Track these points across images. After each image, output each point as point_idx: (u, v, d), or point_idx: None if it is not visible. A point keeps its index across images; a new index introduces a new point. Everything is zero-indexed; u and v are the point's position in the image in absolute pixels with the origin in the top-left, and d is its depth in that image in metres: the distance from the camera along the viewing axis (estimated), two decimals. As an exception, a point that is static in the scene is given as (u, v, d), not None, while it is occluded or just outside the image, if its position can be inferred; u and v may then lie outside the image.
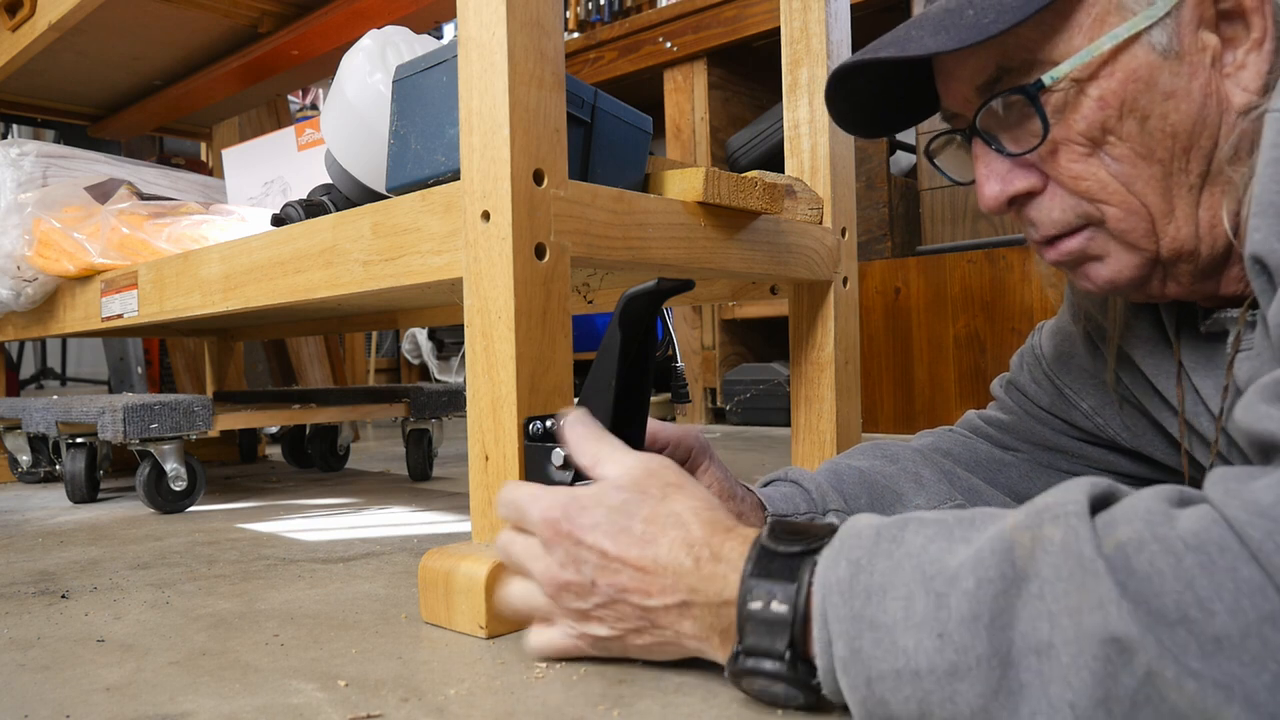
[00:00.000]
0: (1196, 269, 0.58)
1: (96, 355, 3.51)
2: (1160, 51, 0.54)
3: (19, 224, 1.39)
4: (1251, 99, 0.54)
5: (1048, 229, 0.60)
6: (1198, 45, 0.54)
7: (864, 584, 0.42)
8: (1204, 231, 0.56)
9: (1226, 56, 0.55)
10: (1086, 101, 0.55)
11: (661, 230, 0.80)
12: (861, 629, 0.42)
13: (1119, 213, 0.57)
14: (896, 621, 0.41)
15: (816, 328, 1.04)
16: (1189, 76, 0.54)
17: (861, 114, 0.67)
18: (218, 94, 1.81)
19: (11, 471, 1.75)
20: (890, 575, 0.42)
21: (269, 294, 0.97)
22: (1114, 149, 0.55)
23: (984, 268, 2.03)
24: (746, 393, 2.57)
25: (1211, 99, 0.54)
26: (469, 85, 0.70)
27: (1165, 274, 0.59)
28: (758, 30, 2.47)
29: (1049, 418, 0.77)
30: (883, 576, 0.42)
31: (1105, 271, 0.59)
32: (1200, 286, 0.59)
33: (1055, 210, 0.59)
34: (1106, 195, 0.56)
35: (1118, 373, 0.71)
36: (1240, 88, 0.54)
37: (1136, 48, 0.54)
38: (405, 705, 0.53)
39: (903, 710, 0.40)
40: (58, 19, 1.43)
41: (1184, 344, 0.65)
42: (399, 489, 1.51)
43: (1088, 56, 0.54)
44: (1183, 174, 0.55)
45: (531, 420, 0.68)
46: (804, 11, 1.04)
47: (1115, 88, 0.54)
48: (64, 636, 0.69)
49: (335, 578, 0.86)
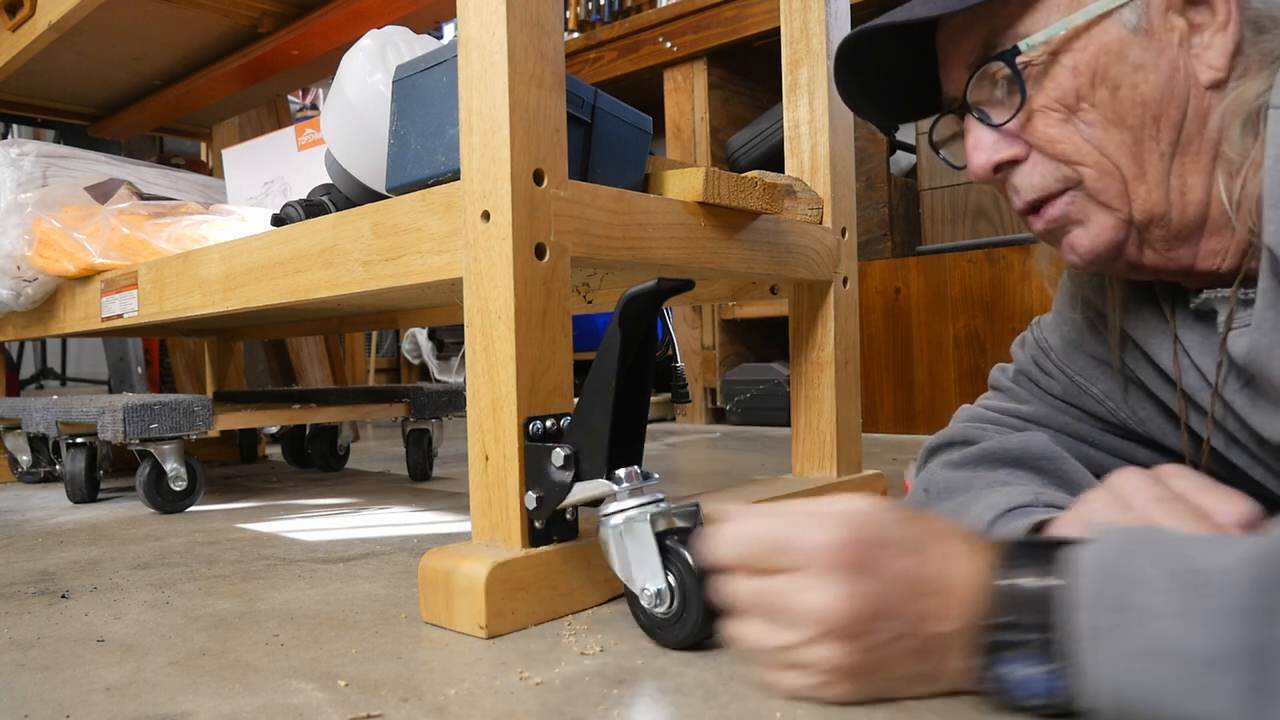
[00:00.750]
0: (1169, 234, 0.61)
1: (96, 355, 3.51)
2: (1131, 28, 0.59)
3: (19, 224, 1.39)
4: (1217, 75, 0.58)
5: (1029, 193, 0.64)
6: (1166, 26, 0.59)
7: (1120, 571, 0.43)
8: (1174, 197, 0.60)
9: (1194, 39, 0.59)
10: (1061, 71, 0.60)
11: (661, 230, 0.80)
12: (1119, 607, 0.42)
13: (1094, 173, 0.61)
14: (1154, 607, 0.41)
15: (816, 328, 1.04)
16: (1157, 53, 0.59)
17: (871, 100, 0.72)
18: (218, 94, 1.81)
19: (11, 471, 1.75)
20: (1148, 567, 0.43)
21: (269, 294, 0.97)
22: (1087, 115, 0.60)
23: (984, 268, 2.03)
24: (746, 393, 2.57)
25: (1179, 74, 0.59)
26: (469, 85, 0.70)
27: (1141, 239, 0.62)
28: (758, 30, 2.47)
29: (1065, 406, 0.79)
30: (1139, 569, 0.43)
31: (1086, 238, 0.63)
32: (1175, 254, 0.62)
33: (1036, 175, 0.63)
34: (1081, 157, 0.61)
35: (1122, 356, 0.73)
36: (1206, 65, 0.59)
37: (1108, 23, 0.59)
38: (405, 705, 0.53)
39: (1152, 693, 0.40)
40: (58, 19, 1.43)
41: (1179, 322, 0.68)
42: (399, 489, 1.51)
43: (1063, 29, 0.59)
44: (1153, 141, 0.60)
45: (531, 420, 0.68)
46: (804, 11, 1.04)
47: (1088, 59, 0.59)
48: (64, 636, 0.69)
49: (335, 578, 0.86)
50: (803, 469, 1.06)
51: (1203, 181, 0.60)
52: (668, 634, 0.61)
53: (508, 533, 0.68)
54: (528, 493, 0.67)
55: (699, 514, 0.65)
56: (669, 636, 0.61)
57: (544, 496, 0.67)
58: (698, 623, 0.59)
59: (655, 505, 0.63)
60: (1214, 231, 0.61)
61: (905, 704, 0.49)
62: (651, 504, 0.63)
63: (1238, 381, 0.62)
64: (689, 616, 0.59)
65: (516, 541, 0.68)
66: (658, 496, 0.64)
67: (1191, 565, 0.42)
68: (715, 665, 0.57)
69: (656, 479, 0.65)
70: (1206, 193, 0.60)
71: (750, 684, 0.54)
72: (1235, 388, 0.62)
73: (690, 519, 0.64)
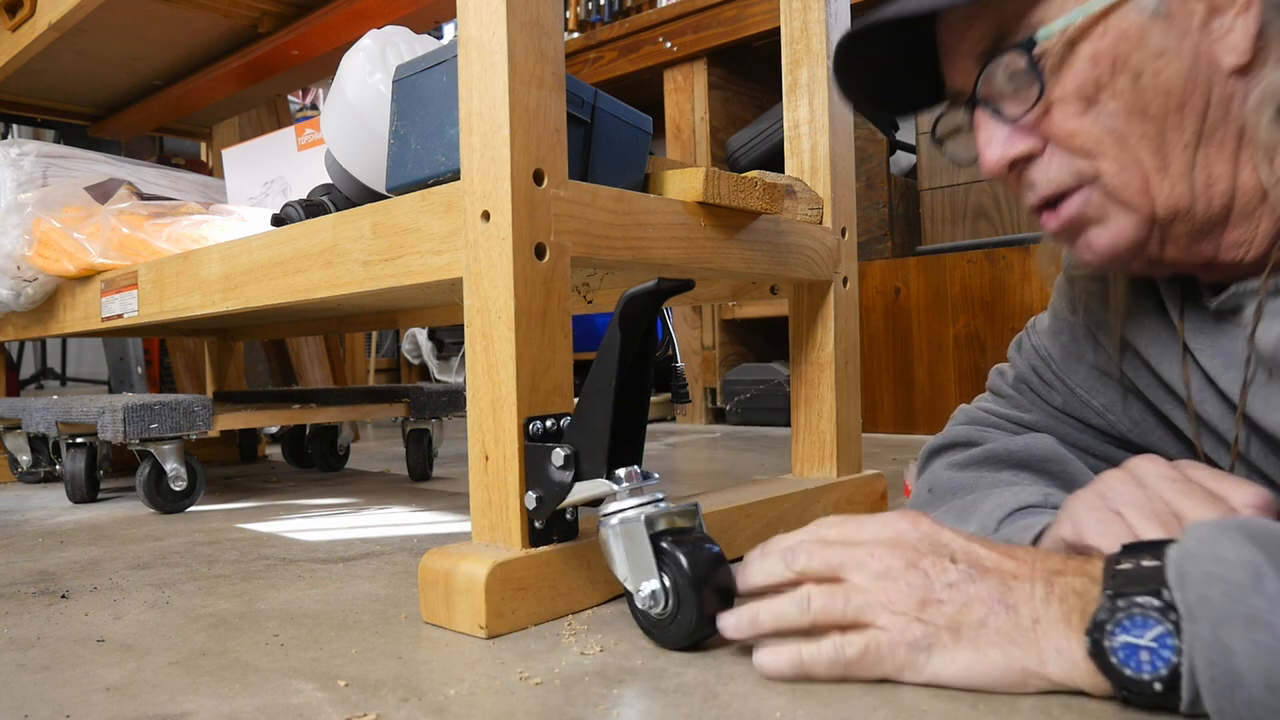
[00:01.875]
0: (1193, 228, 0.59)
1: (96, 355, 3.51)
2: (1150, 13, 0.56)
3: (19, 224, 1.39)
4: (1241, 59, 0.56)
5: (1044, 189, 0.61)
6: (1186, 9, 0.56)
7: (1211, 553, 0.43)
8: (1199, 190, 0.58)
9: (1214, 22, 0.57)
10: (1079, 60, 0.57)
11: (661, 230, 0.80)
12: (1212, 582, 0.42)
13: (1113, 167, 0.58)
14: (1248, 584, 0.42)
15: (816, 328, 1.04)
16: (1179, 37, 0.56)
17: (870, 96, 0.69)
18: (218, 94, 1.81)
19: (11, 471, 1.75)
20: (1236, 554, 0.43)
21: (269, 294, 0.97)
22: (1108, 105, 0.57)
23: (984, 268, 2.03)
24: (746, 393, 2.57)
25: (1201, 60, 0.56)
26: (469, 85, 0.70)
27: (1163, 235, 0.60)
28: (758, 30, 2.47)
29: (1066, 417, 0.77)
30: (1229, 554, 0.43)
31: (1105, 237, 0.61)
32: (1197, 248, 0.60)
33: (1052, 170, 0.60)
34: (1101, 150, 0.58)
35: (1121, 364, 0.71)
36: (1229, 49, 0.56)
37: (1126, 9, 0.56)
38: (405, 705, 0.53)
39: (1249, 660, 0.41)
40: (58, 19, 1.43)
41: (1188, 324, 0.65)
42: (399, 489, 1.51)
43: (1080, 15, 0.56)
44: (1176, 131, 0.57)
45: (531, 420, 0.68)
46: (804, 11, 1.04)
47: (1107, 46, 0.56)
48: (64, 636, 0.69)
49: (335, 578, 0.86)
50: (803, 469, 1.06)
51: (1228, 171, 0.57)
52: (663, 634, 0.61)
53: (508, 533, 0.68)
54: (528, 493, 0.67)
55: (698, 514, 0.65)
56: (664, 637, 0.61)
57: (544, 496, 0.67)
58: (692, 624, 0.59)
59: (655, 505, 0.63)
60: (1238, 222, 0.58)
61: (905, 704, 0.49)
62: (651, 504, 0.63)
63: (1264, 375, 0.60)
64: (683, 617, 0.59)
65: (516, 541, 0.68)
66: (658, 496, 0.64)
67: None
68: (715, 665, 0.57)
69: (656, 479, 0.65)
70: (1232, 182, 0.57)
71: (750, 681, 0.54)
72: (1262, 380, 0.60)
73: (690, 519, 0.64)
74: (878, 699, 0.50)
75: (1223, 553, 0.43)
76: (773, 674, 0.54)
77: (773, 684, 0.54)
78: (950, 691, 0.50)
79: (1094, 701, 0.48)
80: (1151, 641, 0.44)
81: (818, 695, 0.51)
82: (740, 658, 0.59)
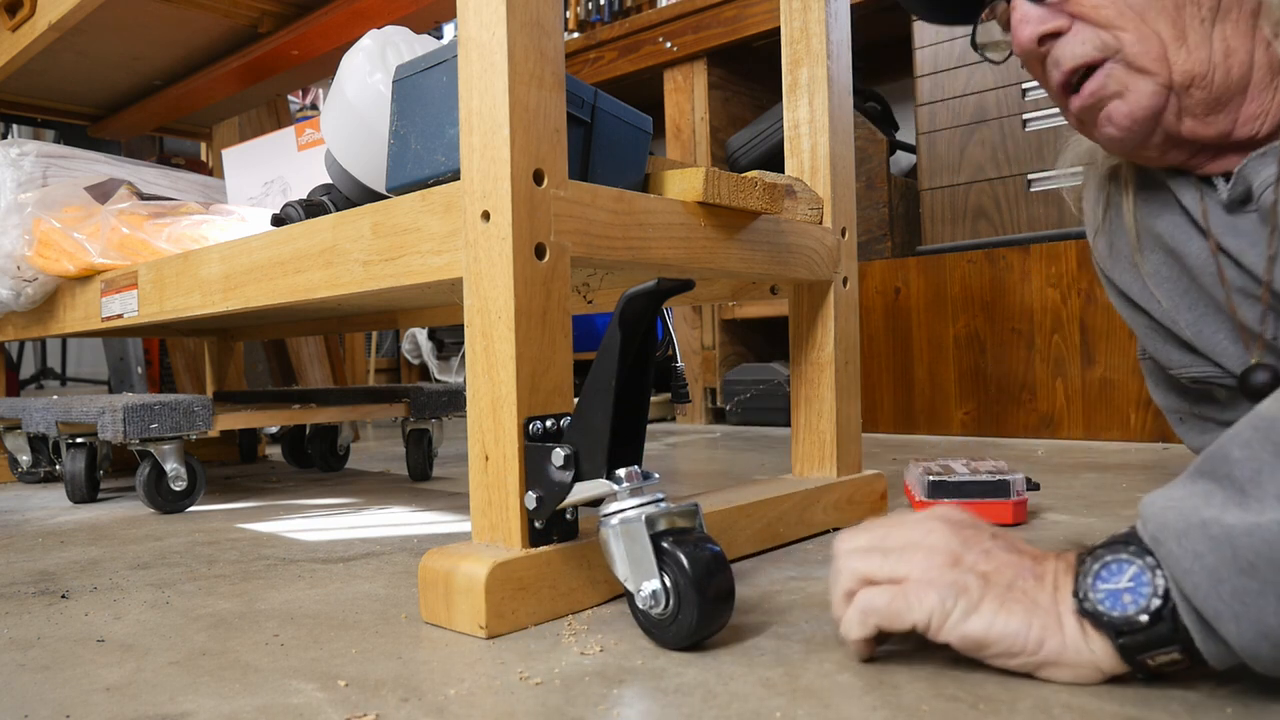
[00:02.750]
0: (1210, 97, 0.64)
1: (96, 355, 3.51)
2: None
3: (19, 224, 1.39)
4: None
5: (1069, 62, 0.68)
6: None
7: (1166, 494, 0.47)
8: (1218, 60, 0.63)
9: None
10: None
11: (661, 230, 0.80)
12: (1168, 512, 0.46)
13: (1133, 37, 0.65)
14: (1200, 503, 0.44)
15: (816, 328, 1.04)
16: None
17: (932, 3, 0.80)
18: (218, 94, 1.81)
19: (11, 471, 1.75)
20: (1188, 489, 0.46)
21: (269, 294, 0.97)
22: None
23: (984, 268, 2.03)
24: (746, 393, 2.57)
25: None
26: (469, 85, 0.70)
27: (1180, 105, 0.65)
28: (758, 30, 2.47)
29: (1160, 333, 0.82)
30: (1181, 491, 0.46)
31: (1124, 107, 0.67)
32: (1214, 119, 0.65)
33: (1078, 44, 0.68)
34: (1124, 22, 0.65)
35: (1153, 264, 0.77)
36: None
37: None
38: (405, 705, 0.53)
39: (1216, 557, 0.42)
40: (58, 19, 1.43)
41: (1211, 217, 0.71)
42: (399, 489, 1.51)
43: None
44: (1193, 6, 0.63)
45: (531, 420, 0.68)
46: (804, 11, 1.04)
47: None
48: (64, 636, 0.69)
49: (335, 578, 0.86)
50: (803, 469, 1.06)
51: (1244, 44, 0.63)
52: (663, 635, 0.61)
53: (508, 533, 0.68)
54: (528, 493, 0.67)
55: (699, 514, 0.65)
56: (664, 637, 0.61)
57: (544, 496, 0.67)
58: (693, 624, 0.59)
59: (655, 505, 0.63)
60: (1255, 95, 0.64)
61: (905, 704, 0.49)
62: (651, 504, 0.63)
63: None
64: (684, 617, 0.59)
65: (516, 541, 0.68)
66: (658, 496, 0.64)
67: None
68: (715, 665, 0.57)
69: (656, 479, 0.65)
70: (1249, 55, 0.63)
71: (750, 681, 0.54)
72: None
73: (690, 519, 0.64)
74: (878, 699, 0.50)
75: (1175, 491, 0.46)
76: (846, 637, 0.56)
77: (773, 684, 0.54)
78: (950, 691, 0.50)
79: (1094, 701, 0.48)
80: (1129, 582, 0.46)
81: (818, 695, 0.51)
82: (740, 658, 0.59)
